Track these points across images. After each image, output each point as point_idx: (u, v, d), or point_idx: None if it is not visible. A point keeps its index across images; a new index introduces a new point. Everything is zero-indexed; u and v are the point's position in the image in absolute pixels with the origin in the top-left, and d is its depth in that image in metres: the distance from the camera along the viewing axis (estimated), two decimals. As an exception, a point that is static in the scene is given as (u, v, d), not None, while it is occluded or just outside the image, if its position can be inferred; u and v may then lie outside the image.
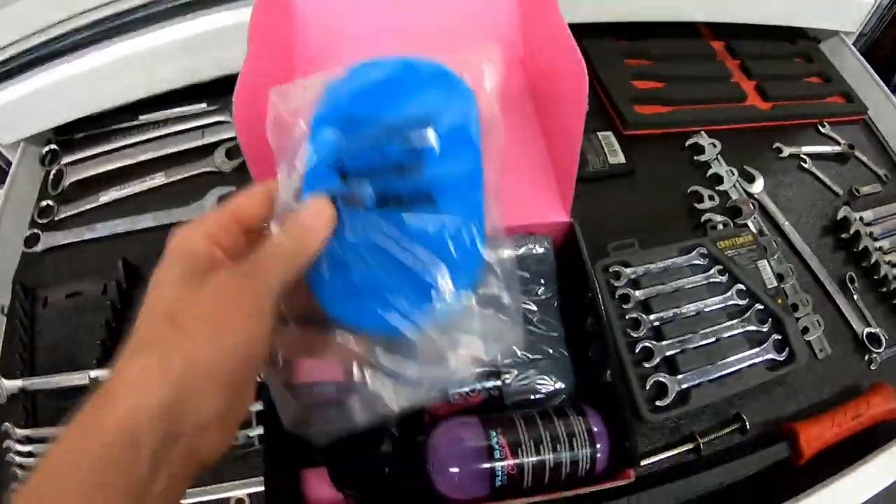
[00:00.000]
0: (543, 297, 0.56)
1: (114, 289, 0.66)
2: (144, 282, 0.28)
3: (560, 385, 0.54)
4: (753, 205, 0.74)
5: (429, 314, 0.32)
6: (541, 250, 0.56)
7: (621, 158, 0.74)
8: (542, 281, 0.56)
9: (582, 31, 0.49)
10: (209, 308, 0.26)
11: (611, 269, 0.65)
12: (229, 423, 0.28)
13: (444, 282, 0.32)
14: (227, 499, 0.56)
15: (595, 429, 0.49)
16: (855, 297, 0.72)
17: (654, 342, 0.62)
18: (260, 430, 0.58)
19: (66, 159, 0.77)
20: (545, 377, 0.54)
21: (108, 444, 0.23)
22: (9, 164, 0.77)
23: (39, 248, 0.71)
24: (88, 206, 0.74)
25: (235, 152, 0.76)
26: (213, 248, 0.28)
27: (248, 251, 0.29)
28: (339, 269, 0.32)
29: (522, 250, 0.56)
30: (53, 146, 0.78)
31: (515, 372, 0.53)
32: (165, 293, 0.27)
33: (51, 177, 0.76)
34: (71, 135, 0.79)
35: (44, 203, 0.74)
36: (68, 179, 0.76)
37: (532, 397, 0.53)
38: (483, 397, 0.52)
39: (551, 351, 0.55)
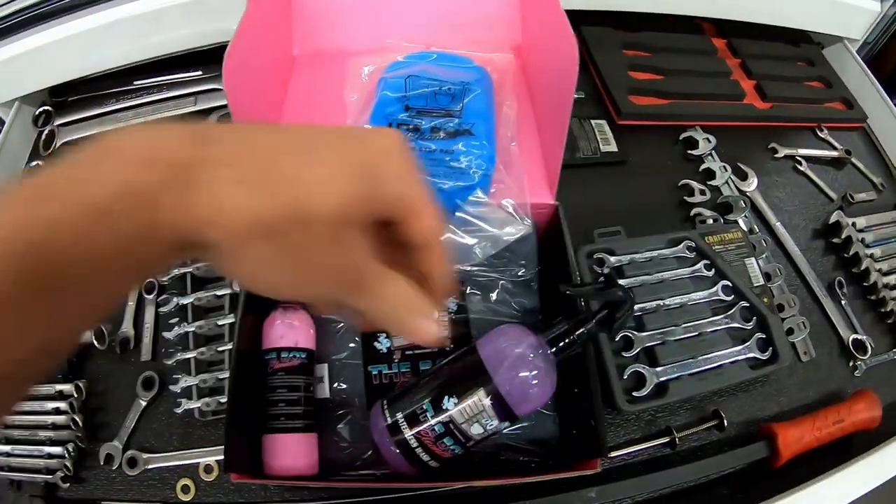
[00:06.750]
0: (522, 277, 0.56)
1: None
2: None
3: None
4: (745, 202, 0.73)
5: (463, 197, 0.51)
6: (522, 230, 0.55)
7: (613, 147, 0.74)
8: (523, 262, 0.56)
9: (581, 18, 0.50)
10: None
11: (595, 256, 0.64)
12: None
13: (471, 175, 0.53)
14: (196, 464, 0.56)
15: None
16: (843, 302, 0.71)
17: (634, 332, 0.61)
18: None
19: (59, 121, 0.77)
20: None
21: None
22: (1, 123, 0.77)
23: (27, 208, 0.70)
24: (77, 169, 0.73)
25: (228, 119, 0.75)
26: None
27: None
28: None
29: (507, 229, 0.55)
30: (47, 107, 0.78)
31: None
32: None
33: (43, 137, 0.76)
34: (65, 97, 0.79)
35: (34, 163, 0.74)
36: (59, 140, 0.75)
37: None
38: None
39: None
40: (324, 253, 0.25)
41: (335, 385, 0.52)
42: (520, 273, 0.55)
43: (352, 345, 0.53)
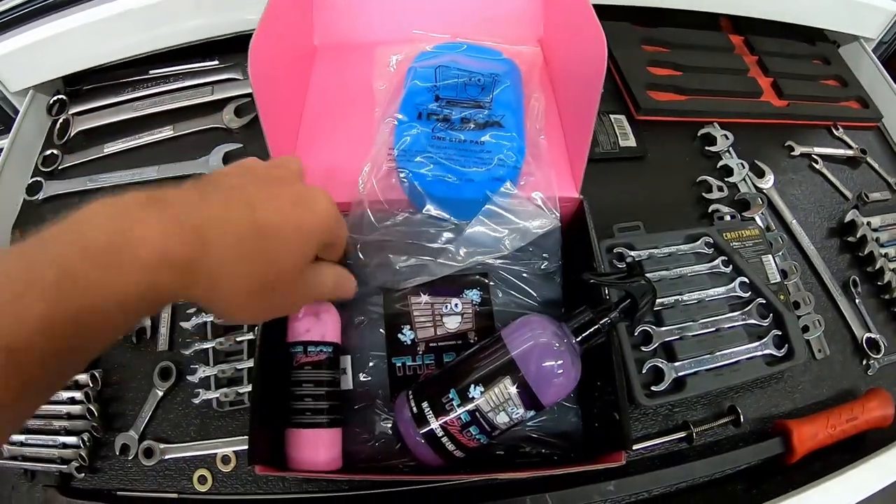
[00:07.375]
0: (546, 270, 0.55)
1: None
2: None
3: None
4: (762, 199, 0.73)
5: (493, 188, 0.52)
6: (550, 223, 0.55)
7: (632, 142, 0.74)
8: (545, 255, 0.55)
9: (600, 13, 0.49)
10: None
11: (615, 251, 0.64)
12: None
13: (501, 166, 0.53)
14: (213, 455, 0.56)
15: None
16: (857, 300, 0.71)
17: (653, 327, 0.61)
18: (249, 388, 0.57)
19: (74, 109, 0.76)
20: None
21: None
22: (16, 111, 0.76)
23: (41, 196, 0.70)
24: (93, 157, 0.73)
25: (244, 110, 0.75)
26: None
27: None
28: (430, 163, 0.53)
29: (536, 222, 0.55)
30: (61, 96, 0.77)
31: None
32: None
33: (57, 126, 0.76)
34: (80, 85, 0.79)
35: (48, 152, 0.74)
36: (74, 129, 0.75)
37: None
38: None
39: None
40: (289, 289, 0.37)
41: (358, 377, 0.52)
42: (543, 266, 0.55)
43: (375, 337, 0.53)
